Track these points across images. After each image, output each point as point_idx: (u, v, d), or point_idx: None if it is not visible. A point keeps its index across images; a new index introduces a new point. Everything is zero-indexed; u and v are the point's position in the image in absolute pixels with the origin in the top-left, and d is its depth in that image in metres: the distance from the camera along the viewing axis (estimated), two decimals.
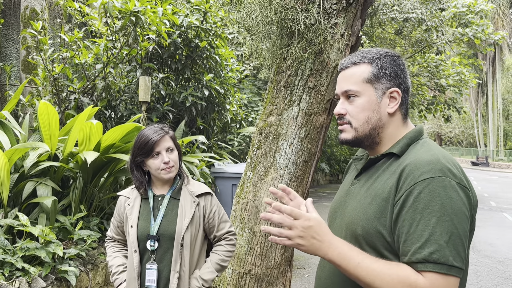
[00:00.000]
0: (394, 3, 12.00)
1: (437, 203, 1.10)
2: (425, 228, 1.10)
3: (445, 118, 14.20)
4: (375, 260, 1.15)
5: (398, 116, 1.33)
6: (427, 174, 1.14)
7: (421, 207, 1.11)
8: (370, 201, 1.24)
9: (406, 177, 1.17)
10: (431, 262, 1.07)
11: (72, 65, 5.33)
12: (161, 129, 2.07)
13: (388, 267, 1.12)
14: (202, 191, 2.14)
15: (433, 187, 1.11)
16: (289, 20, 2.74)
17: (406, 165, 1.20)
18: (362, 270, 1.13)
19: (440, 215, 1.09)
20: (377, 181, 1.27)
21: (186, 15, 5.99)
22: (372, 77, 1.31)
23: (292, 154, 2.84)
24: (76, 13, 6.07)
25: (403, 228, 1.13)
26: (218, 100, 6.86)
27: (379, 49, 1.36)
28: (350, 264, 1.15)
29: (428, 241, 1.08)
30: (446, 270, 1.07)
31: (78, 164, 3.79)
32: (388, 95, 1.31)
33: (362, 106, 1.30)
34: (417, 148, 1.26)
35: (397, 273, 1.10)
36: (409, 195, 1.14)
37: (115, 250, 2.21)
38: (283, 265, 2.95)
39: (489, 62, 36.41)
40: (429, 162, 1.16)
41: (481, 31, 12.04)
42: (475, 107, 42.11)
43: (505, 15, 32.68)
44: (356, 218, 1.26)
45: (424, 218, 1.10)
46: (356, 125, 1.32)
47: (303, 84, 2.82)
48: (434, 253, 1.07)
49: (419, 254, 1.09)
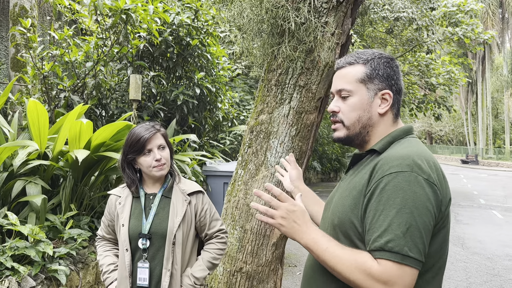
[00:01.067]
0: (385, 2, 12.06)
1: (399, 196, 1.16)
2: (385, 218, 1.16)
3: (436, 116, 14.32)
4: (341, 247, 1.23)
5: (389, 116, 1.39)
6: (395, 168, 1.19)
7: (384, 199, 1.18)
8: (347, 194, 1.32)
9: (377, 170, 1.23)
10: (386, 250, 1.13)
11: (62, 63, 5.29)
12: (152, 127, 2.06)
13: (350, 253, 1.20)
14: (194, 189, 2.14)
15: (398, 181, 1.17)
16: (280, 18, 2.74)
17: (379, 159, 1.27)
18: (328, 254, 1.22)
19: (401, 208, 1.15)
20: (357, 176, 1.34)
21: (177, 13, 5.97)
22: (365, 77, 1.36)
23: (283, 152, 2.85)
24: (66, 11, 6.02)
25: (368, 218, 1.20)
26: (210, 99, 6.85)
27: (374, 50, 1.41)
28: (319, 249, 1.24)
29: (386, 231, 1.14)
30: (399, 259, 1.12)
31: (68, 163, 3.77)
32: (380, 96, 1.36)
33: (354, 105, 1.36)
34: (397, 145, 1.32)
35: (356, 259, 1.17)
36: (376, 187, 1.21)
37: (105, 249, 2.20)
38: (274, 263, 2.96)
39: (479, 61, 36.76)
40: (399, 157, 1.22)
41: (470, 30, 12.15)
42: (465, 105, 42.51)
43: (494, 14, 33.00)
44: (335, 209, 1.35)
45: (385, 209, 1.16)
46: (348, 123, 1.38)
47: (294, 82, 2.83)
48: (389, 242, 1.13)
49: (377, 242, 1.15)
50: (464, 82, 13.59)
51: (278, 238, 2.93)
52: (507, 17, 35.08)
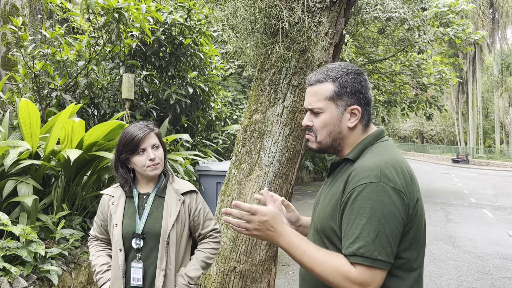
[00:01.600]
0: (377, 2, 12.12)
1: (368, 205, 1.27)
2: (356, 226, 1.27)
3: (427, 116, 14.44)
4: (318, 249, 1.34)
5: (358, 128, 1.47)
6: (364, 180, 1.30)
7: (356, 208, 1.29)
8: (328, 201, 1.43)
9: (350, 181, 1.34)
10: (358, 255, 1.25)
11: (53, 62, 5.24)
12: (146, 126, 2.06)
13: (328, 256, 1.31)
14: (188, 189, 2.13)
15: (366, 192, 1.28)
16: (273, 18, 2.75)
17: (352, 170, 1.37)
18: (306, 257, 1.32)
19: (370, 216, 1.26)
20: (335, 184, 1.44)
21: (170, 12, 5.95)
22: (334, 95, 1.44)
23: (277, 152, 2.86)
24: (57, 9, 5.97)
25: (343, 226, 1.32)
26: (203, 98, 6.84)
27: (342, 65, 1.48)
28: (297, 251, 1.34)
29: (358, 238, 1.26)
30: (370, 263, 1.24)
31: (60, 162, 3.74)
32: (349, 111, 1.44)
33: (325, 121, 1.45)
34: (368, 153, 1.41)
35: (334, 262, 1.28)
36: (349, 198, 1.32)
37: (98, 249, 2.19)
38: (268, 262, 2.97)
39: (469, 61, 37.07)
40: (367, 168, 1.32)
41: (461, 30, 12.25)
42: (456, 105, 42.84)
43: (485, 15, 33.31)
44: (319, 215, 1.45)
45: (357, 218, 1.28)
46: (320, 138, 1.47)
47: (288, 82, 2.83)
48: (361, 248, 1.25)
49: (350, 248, 1.27)
50: (455, 82, 13.72)
51: None
52: (498, 17, 35.42)
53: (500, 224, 9.66)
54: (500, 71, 37.85)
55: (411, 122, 51.32)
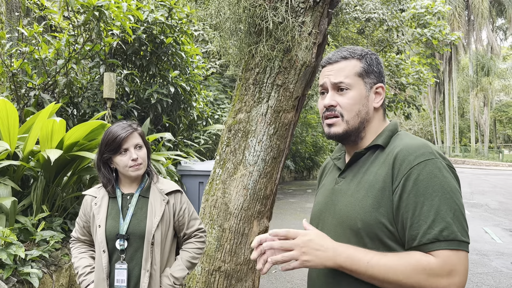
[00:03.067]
0: (357, 3, 12.26)
1: (436, 183, 1.14)
2: (430, 208, 1.12)
3: (405, 115, 14.67)
4: (383, 255, 1.15)
5: (381, 111, 1.41)
6: (421, 157, 1.18)
7: (422, 189, 1.14)
8: (364, 193, 1.25)
9: (401, 163, 1.20)
10: (442, 240, 1.09)
11: (31, 61, 5.13)
12: (129, 126, 2.03)
13: (398, 258, 1.13)
14: (172, 189, 2.12)
15: (429, 169, 1.16)
16: (257, 17, 2.75)
17: (397, 152, 1.23)
18: (374, 268, 1.14)
19: (442, 194, 1.13)
20: (367, 174, 1.29)
21: (151, 11, 5.89)
22: (363, 71, 1.36)
23: (261, 151, 2.86)
24: (34, 7, 5.84)
25: (408, 213, 1.15)
26: (184, 97, 6.80)
27: (362, 47, 1.42)
28: (361, 265, 1.15)
29: (436, 220, 1.11)
30: (456, 246, 1.09)
31: (39, 163, 3.66)
32: (374, 90, 1.38)
33: (354, 98, 1.34)
34: (399, 138, 1.31)
35: (408, 261, 1.11)
36: (407, 180, 1.17)
37: (80, 251, 2.16)
38: (253, 261, 2.97)
39: (446, 62, 37.86)
40: (419, 146, 1.21)
41: (438, 31, 12.50)
42: (433, 105, 43.71)
43: (460, 16, 34.05)
44: (353, 212, 1.26)
45: (427, 199, 1.13)
46: (348, 117, 1.34)
47: (272, 81, 2.84)
48: (443, 231, 1.10)
49: (429, 234, 1.10)
50: (432, 82, 13.97)
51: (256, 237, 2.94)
52: (473, 19, 36.26)
53: (476, 221, 9.90)
54: (475, 71, 38.75)
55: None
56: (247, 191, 2.87)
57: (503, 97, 44.56)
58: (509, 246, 7.45)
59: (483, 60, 38.22)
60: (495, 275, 5.76)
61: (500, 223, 9.70)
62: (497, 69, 38.78)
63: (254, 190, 2.88)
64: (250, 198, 2.88)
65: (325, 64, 1.42)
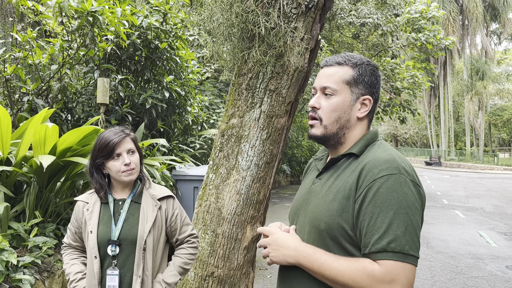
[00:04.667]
0: (352, 8, 12.32)
1: (394, 197, 1.20)
2: (383, 220, 1.19)
3: (401, 119, 14.73)
4: (336, 258, 1.24)
5: (365, 121, 1.43)
6: (385, 171, 1.23)
7: (379, 201, 1.21)
8: (332, 198, 1.32)
9: (366, 174, 1.26)
10: (389, 251, 1.16)
11: (25, 66, 5.12)
12: (122, 131, 2.04)
13: (348, 263, 1.22)
14: (164, 194, 2.12)
15: (390, 183, 1.21)
16: (250, 23, 2.76)
17: (365, 163, 1.29)
18: (325, 270, 1.24)
19: (397, 208, 1.19)
20: (338, 179, 1.35)
21: (146, 16, 5.90)
22: (351, 80, 1.39)
23: (254, 156, 2.87)
24: (29, 12, 5.83)
25: (364, 222, 1.22)
26: (179, 102, 6.80)
27: (361, 56, 1.44)
28: (315, 265, 1.26)
29: (386, 232, 1.18)
30: (402, 258, 1.16)
31: (32, 169, 3.65)
32: (361, 101, 1.40)
33: (336, 104, 1.38)
34: (374, 148, 1.35)
35: (356, 267, 1.20)
36: (368, 191, 1.23)
37: (72, 257, 2.14)
38: (246, 266, 2.97)
39: (441, 66, 38.07)
40: (386, 161, 1.26)
41: (432, 36, 12.58)
42: (428, 109, 43.89)
43: (455, 21, 34.27)
44: (320, 214, 1.33)
45: (382, 212, 1.19)
46: (326, 122, 1.40)
47: (264, 86, 2.85)
48: (391, 243, 1.16)
49: (378, 244, 1.18)
50: (427, 86, 14.05)
51: (250, 242, 2.94)
52: (467, 23, 36.51)
53: (471, 225, 9.92)
54: (470, 75, 38.97)
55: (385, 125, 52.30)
56: (240, 196, 2.87)
57: (497, 101, 44.82)
58: (504, 250, 7.47)
59: (477, 64, 38.45)
60: (490, 279, 5.77)
61: (495, 226, 9.74)
62: (491, 73, 39.02)
63: (247, 195, 2.88)
64: (243, 203, 2.88)
65: (322, 66, 1.46)
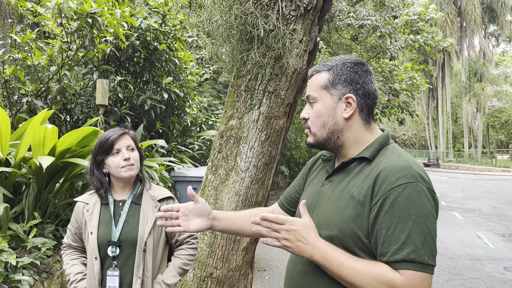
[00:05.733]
0: (350, 10, 12.36)
1: (412, 207, 1.18)
2: (402, 230, 1.18)
3: (399, 121, 14.75)
4: (356, 259, 1.22)
5: (356, 120, 1.38)
6: (402, 179, 1.21)
7: (398, 211, 1.19)
8: (346, 203, 1.30)
9: (382, 182, 1.24)
10: (409, 261, 1.16)
11: (24, 67, 5.13)
12: (121, 129, 2.07)
13: (368, 266, 1.20)
14: (164, 195, 2.13)
15: (408, 192, 1.20)
16: (249, 25, 2.78)
17: (380, 170, 1.26)
18: (344, 269, 1.21)
19: (416, 218, 1.18)
20: (351, 184, 1.32)
21: (145, 18, 5.91)
22: (327, 83, 1.39)
23: (253, 157, 2.88)
24: (28, 13, 5.84)
25: (381, 231, 1.20)
26: (178, 103, 6.80)
27: (342, 57, 1.43)
28: (333, 264, 1.22)
29: (406, 243, 1.17)
30: (422, 268, 1.16)
31: (31, 170, 3.66)
32: (344, 101, 1.37)
33: (318, 111, 1.39)
34: (387, 153, 1.33)
35: (376, 271, 1.18)
36: (386, 199, 1.21)
37: (72, 258, 2.15)
38: (245, 267, 2.98)
39: (439, 68, 38.15)
40: (402, 168, 1.24)
41: (431, 38, 12.61)
42: (426, 110, 43.97)
43: (453, 23, 34.37)
44: (332, 219, 1.31)
45: (401, 221, 1.18)
46: (314, 130, 1.40)
47: (263, 88, 2.86)
48: (411, 253, 1.16)
49: (398, 255, 1.17)
50: (426, 88, 14.08)
51: (248, 243, 2.95)
52: (465, 25, 36.61)
53: (470, 226, 9.95)
54: (468, 77, 39.06)
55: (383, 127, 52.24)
56: (239, 197, 2.88)
57: (495, 102, 44.91)
58: (502, 251, 7.49)
59: (475, 66, 38.55)
60: (487, 280, 5.79)
61: (493, 228, 9.76)
62: (489, 75, 39.10)
63: (246, 196, 2.89)
64: (242, 204, 2.89)
65: (309, 77, 1.49)
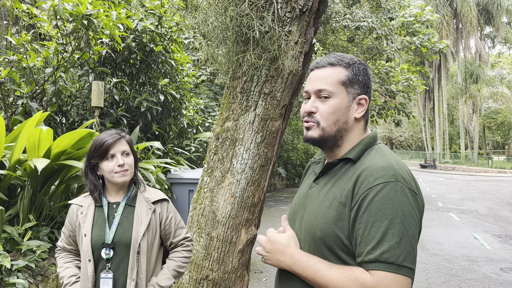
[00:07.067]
0: (346, 12, 12.38)
1: (389, 206, 1.16)
2: (378, 230, 1.15)
3: (396, 122, 14.79)
4: (330, 267, 1.23)
5: (362, 122, 1.40)
6: (381, 179, 1.20)
7: (374, 210, 1.17)
8: (328, 205, 1.29)
9: (362, 182, 1.23)
10: (381, 261, 1.13)
11: (19, 69, 5.11)
12: (117, 133, 2.05)
13: (341, 272, 1.20)
14: (158, 197, 2.12)
15: (386, 192, 1.18)
16: (244, 27, 2.77)
17: (361, 170, 1.25)
18: (319, 278, 1.22)
19: (392, 218, 1.15)
20: (335, 186, 1.32)
21: (141, 19, 5.91)
22: (347, 80, 1.35)
23: (249, 159, 2.87)
24: (23, 15, 5.82)
25: (359, 231, 1.19)
26: (174, 105, 6.80)
27: (352, 56, 1.42)
28: (309, 273, 1.25)
29: (380, 242, 1.14)
30: (395, 270, 1.12)
31: (26, 172, 3.64)
32: (357, 101, 1.37)
33: (334, 107, 1.34)
34: (372, 154, 1.32)
35: (348, 276, 1.17)
36: (364, 199, 1.20)
37: (66, 261, 2.14)
38: (241, 269, 2.97)
39: (435, 69, 38.27)
40: (383, 168, 1.23)
41: (427, 40, 12.66)
42: (423, 112, 44.09)
43: (449, 25, 34.50)
44: (315, 221, 1.30)
45: (377, 221, 1.16)
46: (324, 125, 1.35)
47: (259, 90, 2.86)
48: (384, 253, 1.13)
49: (371, 254, 1.15)
50: (422, 90, 14.12)
51: (244, 245, 2.94)
52: (461, 27, 36.75)
53: (466, 227, 9.96)
54: (464, 79, 39.20)
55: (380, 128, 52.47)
56: (234, 199, 2.87)
57: (491, 104, 45.09)
58: (498, 252, 7.51)
59: (471, 68, 38.69)
60: (484, 281, 5.80)
61: (490, 229, 9.78)
62: (485, 76, 39.26)
63: (242, 198, 2.88)
64: (238, 206, 2.88)
65: (313, 68, 1.42)
